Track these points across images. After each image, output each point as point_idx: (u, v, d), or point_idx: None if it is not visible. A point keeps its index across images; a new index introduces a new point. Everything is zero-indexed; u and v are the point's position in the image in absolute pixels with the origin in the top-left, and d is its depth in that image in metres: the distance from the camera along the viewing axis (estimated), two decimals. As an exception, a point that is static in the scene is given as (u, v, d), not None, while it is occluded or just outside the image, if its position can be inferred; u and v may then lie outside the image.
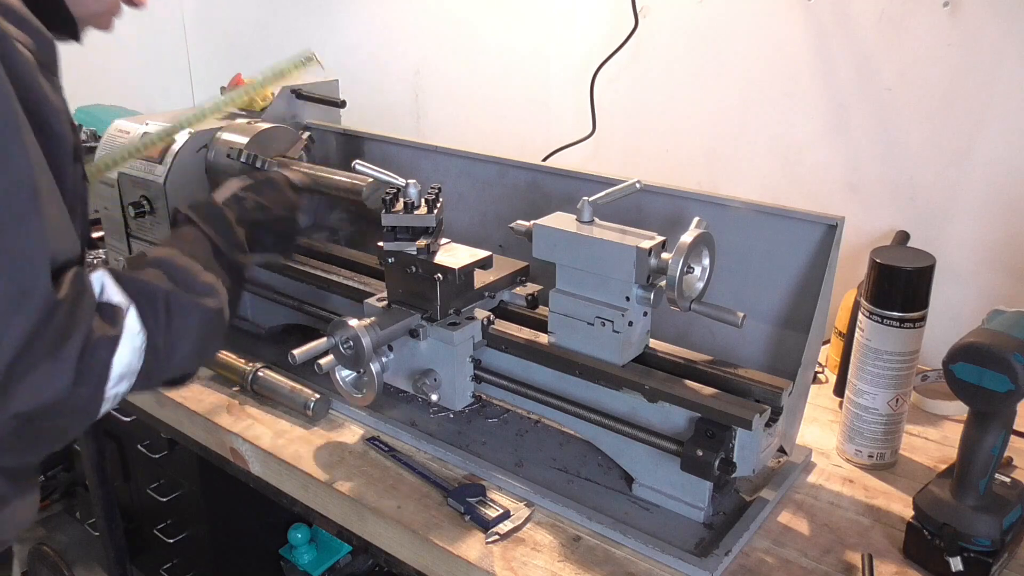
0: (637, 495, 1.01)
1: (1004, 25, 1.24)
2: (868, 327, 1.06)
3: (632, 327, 0.98)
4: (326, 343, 1.02)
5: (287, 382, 1.22)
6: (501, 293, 1.15)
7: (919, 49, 1.32)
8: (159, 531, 1.63)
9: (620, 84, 1.68)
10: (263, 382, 1.24)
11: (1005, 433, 0.87)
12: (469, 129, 1.99)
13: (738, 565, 0.91)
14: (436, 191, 1.07)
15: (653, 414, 0.97)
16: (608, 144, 1.73)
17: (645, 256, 0.94)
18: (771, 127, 1.51)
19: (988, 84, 1.27)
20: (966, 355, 0.84)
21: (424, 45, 2.02)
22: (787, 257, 1.04)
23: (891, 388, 1.06)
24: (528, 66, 1.83)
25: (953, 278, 1.33)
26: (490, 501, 1.00)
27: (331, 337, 1.02)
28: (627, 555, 0.93)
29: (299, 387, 1.21)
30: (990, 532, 0.87)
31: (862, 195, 1.44)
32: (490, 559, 0.92)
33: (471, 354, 1.07)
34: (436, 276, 1.04)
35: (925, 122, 1.34)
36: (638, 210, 1.14)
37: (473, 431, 1.15)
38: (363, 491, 1.03)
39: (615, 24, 1.62)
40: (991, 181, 1.30)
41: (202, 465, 1.46)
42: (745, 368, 0.98)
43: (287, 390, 1.21)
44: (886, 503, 1.03)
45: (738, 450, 0.93)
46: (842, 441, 1.12)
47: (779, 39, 1.46)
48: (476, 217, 1.36)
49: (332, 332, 1.02)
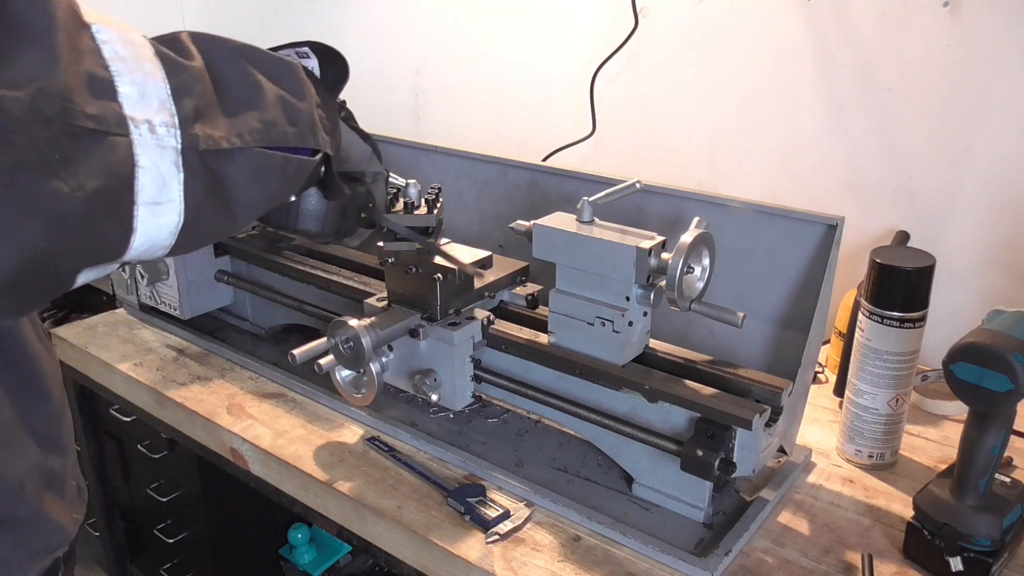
0: (637, 495, 1.01)
1: (1004, 25, 1.24)
2: (868, 327, 1.06)
3: (632, 327, 0.98)
4: (326, 343, 1.02)
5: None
6: (501, 293, 1.15)
7: (919, 49, 1.32)
8: (159, 531, 1.63)
9: (620, 84, 1.68)
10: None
11: (1005, 433, 0.87)
12: (469, 129, 1.99)
13: (738, 565, 0.91)
14: (436, 191, 1.07)
15: (653, 414, 0.97)
16: (608, 144, 1.73)
17: (645, 256, 0.94)
18: (771, 127, 1.51)
19: (988, 84, 1.27)
20: (966, 355, 0.84)
21: (424, 45, 2.02)
22: (787, 257, 1.04)
23: (891, 388, 1.06)
24: (528, 66, 1.83)
25: (953, 278, 1.33)
26: (490, 501, 1.00)
27: (331, 337, 1.02)
28: (627, 555, 0.93)
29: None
30: (990, 532, 0.87)
31: (862, 195, 1.44)
32: (490, 559, 0.92)
33: (471, 354, 1.07)
34: (436, 276, 1.04)
35: (925, 122, 1.34)
36: (638, 210, 1.14)
37: (473, 431, 1.15)
38: (363, 491, 1.03)
39: (615, 24, 1.62)
40: (991, 181, 1.30)
41: (202, 465, 1.46)
42: (745, 368, 0.98)
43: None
44: (886, 503, 1.03)
45: (738, 450, 0.93)
46: (842, 441, 1.12)
47: (779, 39, 1.46)
48: (476, 217, 1.36)
49: (332, 332, 1.02)
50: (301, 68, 0.76)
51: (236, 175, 0.66)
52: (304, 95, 0.74)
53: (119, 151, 0.56)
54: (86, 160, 0.54)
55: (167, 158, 0.59)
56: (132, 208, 0.58)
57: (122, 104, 0.56)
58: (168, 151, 0.59)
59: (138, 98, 0.58)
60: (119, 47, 0.58)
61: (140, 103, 0.58)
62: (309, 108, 0.74)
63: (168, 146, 0.59)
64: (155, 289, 1.41)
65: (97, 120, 0.55)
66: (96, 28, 0.57)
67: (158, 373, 1.32)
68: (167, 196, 0.60)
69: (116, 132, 0.56)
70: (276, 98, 0.70)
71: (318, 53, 0.82)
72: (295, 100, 0.72)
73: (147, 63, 0.59)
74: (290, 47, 0.82)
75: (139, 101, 0.58)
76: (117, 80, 0.57)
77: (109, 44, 0.57)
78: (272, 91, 0.70)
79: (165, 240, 0.62)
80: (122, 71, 0.57)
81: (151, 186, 0.58)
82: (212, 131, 0.63)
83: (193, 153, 0.61)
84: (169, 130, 0.59)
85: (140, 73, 0.58)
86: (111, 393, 1.39)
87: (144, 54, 0.60)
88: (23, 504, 0.73)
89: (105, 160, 0.55)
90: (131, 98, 0.57)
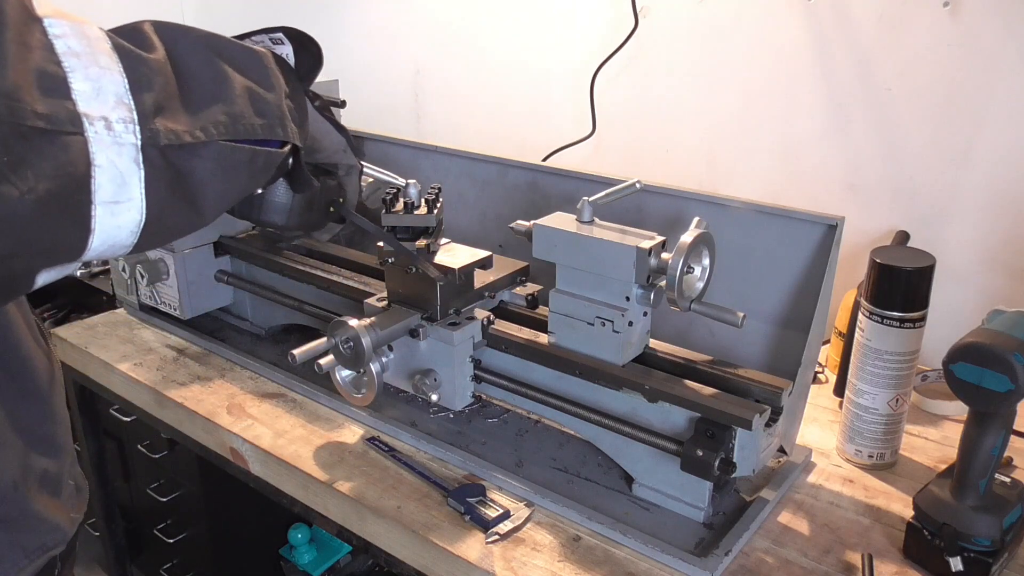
0: (637, 495, 1.01)
1: (1004, 25, 1.24)
2: (868, 327, 1.06)
3: (632, 327, 0.98)
4: (326, 343, 1.02)
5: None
6: (501, 293, 1.15)
7: (919, 49, 1.32)
8: (159, 531, 1.63)
9: (620, 84, 1.68)
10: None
11: (1005, 433, 0.87)
12: (469, 129, 1.99)
13: (738, 565, 0.91)
14: (436, 191, 1.07)
15: (653, 414, 0.97)
16: (608, 144, 1.73)
17: (645, 256, 0.94)
18: (771, 127, 1.51)
19: (988, 84, 1.27)
20: (966, 355, 0.84)
21: (424, 45, 2.02)
22: (787, 257, 1.04)
23: (891, 388, 1.06)
24: (528, 66, 1.83)
25: (953, 278, 1.33)
26: (490, 501, 1.00)
27: (331, 337, 1.02)
28: (627, 555, 0.93)
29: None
30: (990, 532, 0.87)
31: (862, 195, 1.44)
32: (490, 559, 0.92)
33: (471, 354, 1.07)
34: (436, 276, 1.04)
35: (925, 122, 1.34)
36: (638, 210, 1.14)
37: (473, 431, 1.15)
38: (363, 491, 1.03)
39: (615, 24, 1.63)
40: (991, 181, 1.30)
41: (202, 465, 1.46)
42: (745, 368, 0.98)
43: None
44: (886, 503, 1.03)
45: (738, 450, 0.93)
46: (842, 441, 1.12)
47: (779, 39, 1.46)
48: (476, 217, 1.36)
49: (332, 332, 1.02)
50: (271, 57, 0.74)
51: (201, 170, 0.63)
52: (272, 86, 0.72)
53: (73, 150, 0.54)
54: (37, 161, 0.52)
55: (126, 155, 0.57)
56: (89, 208, 0.56)
57: (76, 101, 0.54)
58: (126, 148, 0.57)
59: (93, 94, 0.55)
60: (73, 41, 0.56)
61: (95, 99, 0.55)
62: (278, 99, 0.72)
63: (126, 143, 0.57)
64: (155, 289, 1.41)
65: (48, 119, 0.53)
66: (48, 22, 0.55)
67: (158, 373, 1.32)
68: (127, 195, 0.58)
69: (69, 131, 0.54)
70: (243, 89, 0.68)
71: (292, 39, 0.80)
72: (263, 91, 0.70)
73: (103, 57, 0.57)
74: (264, 32, 0.80)
75: (94, 97, 0.55)
76: (70, 76, 0.55)
77: (62, 39, 0.55)
78: (239, 82, 0.68)
79: (126, 239, 0.61)
80: (76, 67, 0.55)
81: (109, 185, 0.57)
82: (174, 125, 0.61)
83: (154, 149, 0.59)
84: (127, 126, 0.57)
85: (95, 68, 0.56)
86: (111, 393, 1.39)
87: (100, 48, 0.58)
88: (17, 503, 0.73)
89: (58, 160, 0.53)
90: (86, 94, 0.55)
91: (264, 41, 0.79)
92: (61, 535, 0.78)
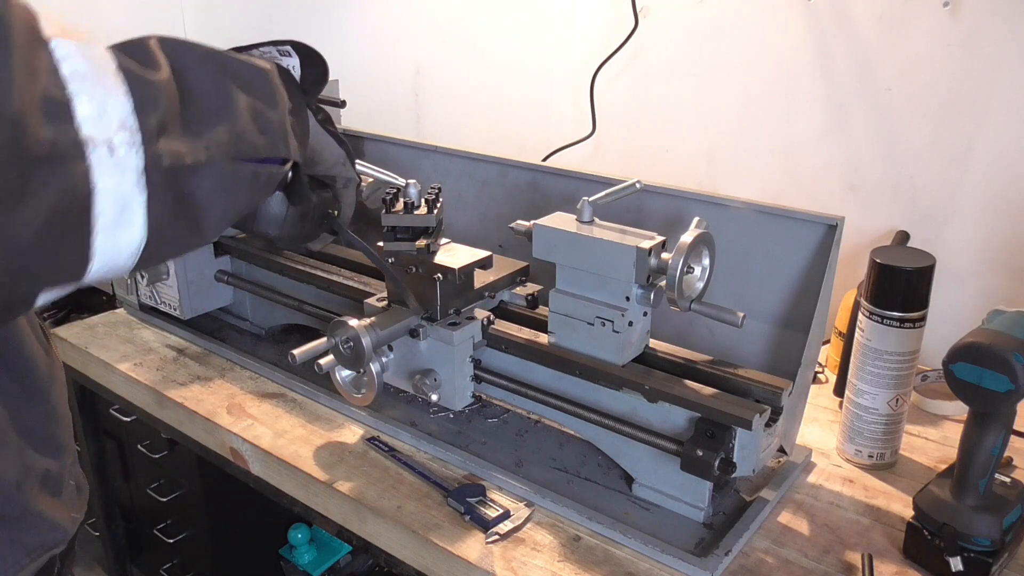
0: (637, 495, 1.01)
1: (1004, 25, 1.24)
2: (868, 327, 1.06)
3: (632, 327, 0.98)
4: (326, 343, 1.02)
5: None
6: (501, 293, 1.15)
7: (919, 49, 1.32)
8: (159, 531, 1.63)
9: (620, 84, 1.68)
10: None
11: (1005, 433, 0.87)
12: (469, 129, 1.99)
13: (738, 565, 0.91)
14: (436, 191, 1.07)
15: (653, 414, 0.97)
16: (608, 144, 1.73)
17: (645, 256, 0.94)
18: (771, 127, 1.51)
19: (988, 84, 1.27)
20: (966, 355, 0.84)
21: (424, 45, 2.02)
22: (787, 257, 1.04)
23: (891, 388, 1.06)
24: (528, 66, 1.83)
25: (953, 278, 1.33)
26: (490, 501, 1.00)
27: (331, 337, 1.02)
28: (627, 555, 0.93)
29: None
30: (990, 532, 0.87)
31: (862, 195, 1.44)
32: (490, 559, 0.92)
33: (471, 354, 1.07)
34: (436, 276, 1.04)
35: (925, 122, 1.34)
36: (638, 210, 1.14)
37: (473, 431, 1.15)
38: (363, 491, 1.03)
39: (615, 24, 1.63)
40: (991, 181, 1.30)
41: (202, 465, 1.46)
42: (745, 368, 0.98)
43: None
44: (886, 503, 1.03)
45: (738, 450, 0.93)
46: (842, 441, 1.12)
47: (779, 39, 1.46)
48: (476, 217, 1.36)
49: (332, 332, 1.02)
50: (275, 72, 0.74)
51: (202, 190, 0.62)
52: (276, 102, 0.71)
53: (75, 176, 0.53)
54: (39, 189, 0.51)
55: (128, 179, 0.56)
56: (90, 234, 0.55)
57: (80, 125, 0.53)
58: (129, 172, 0.56)
59: (97, 117, 0.54)
60: (78, 63, 0.54)
61: (99, 122, 0.54)
62: (281, 116, 0.71)
63: (129, 167, 0.56)
64: (155, 289, 1.42)
65: (52, 145, 0.51)
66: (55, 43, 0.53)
67: (158, 373, 1.32)
68: (128, 218, 0.57)
69: (72, 156, 0.52)
70: (247, 107, 0.67)
71: (300, 53, 0.81)
72: (266, 108, 0.70)
73: (108, 78, 0.56)
74: (272, 44, 0.80)
75: (98, 120, 0.54)
76: (75, 100, 0.53)
77: (68, 60, 0.53)
78: (243, 100, 0.67)
79: (126, 262, 0.59)
80: (80, 90, 0.53)
81: (110, 210, 0.55)
82: (177, 147, 0.60)
83: (156, 171, 0.57)
84: (130, 149, 0.56)
85: (100, 89, 0.55)
86: (111, 393, 1.39)
87: (105, 69, 0.56)
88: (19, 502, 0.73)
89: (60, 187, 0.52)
90: (90, 118, 0.54)
91: (271, 52, 0.80)
92: (62, 534, 0.78)
